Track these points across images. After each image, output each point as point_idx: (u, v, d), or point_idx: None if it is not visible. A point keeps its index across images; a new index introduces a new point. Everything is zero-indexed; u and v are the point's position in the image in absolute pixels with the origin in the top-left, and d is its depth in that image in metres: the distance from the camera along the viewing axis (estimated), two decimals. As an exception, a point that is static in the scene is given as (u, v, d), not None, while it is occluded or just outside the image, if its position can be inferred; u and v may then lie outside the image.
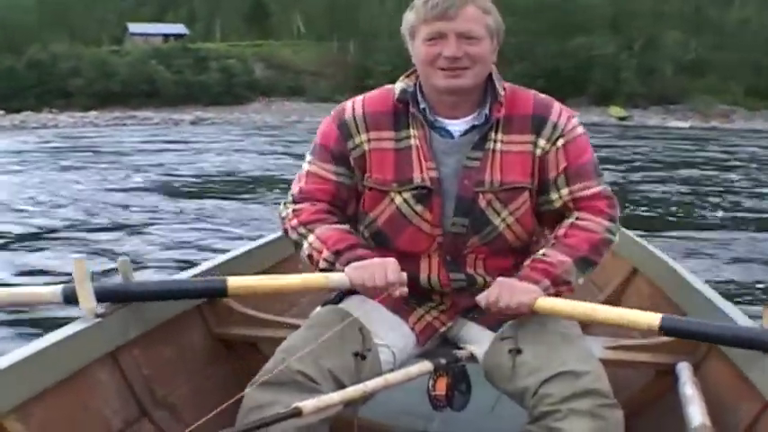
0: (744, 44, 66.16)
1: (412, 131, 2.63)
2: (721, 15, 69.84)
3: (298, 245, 2.70)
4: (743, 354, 2.56)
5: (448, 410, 2.52)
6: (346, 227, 2.68)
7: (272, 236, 4.04)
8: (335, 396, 2.20)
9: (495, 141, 2.60)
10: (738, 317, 2.75)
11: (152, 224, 13.09)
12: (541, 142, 2.61)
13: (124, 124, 54.75)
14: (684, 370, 2.73)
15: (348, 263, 2.55)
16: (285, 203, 2.77)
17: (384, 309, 2.66)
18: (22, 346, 2.32)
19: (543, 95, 2.72)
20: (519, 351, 2.44)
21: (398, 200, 2.62)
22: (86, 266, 2.57)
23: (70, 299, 2.58)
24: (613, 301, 3.82)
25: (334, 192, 2.70)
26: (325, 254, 2.60)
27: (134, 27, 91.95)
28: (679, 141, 39.67)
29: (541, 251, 2.61)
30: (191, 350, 3.09)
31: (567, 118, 2.65)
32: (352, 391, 2.25)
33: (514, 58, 61.84)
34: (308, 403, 2.08)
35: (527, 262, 2.60)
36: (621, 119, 57.83)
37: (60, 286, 2.62)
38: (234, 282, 2.65)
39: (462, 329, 2.74)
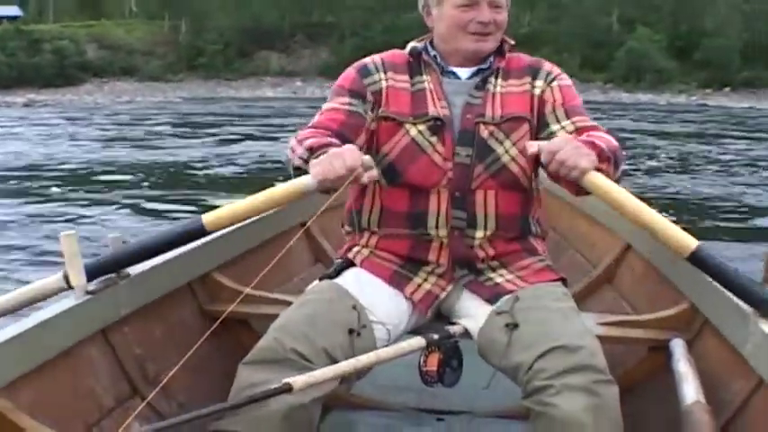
0: (579, 17, 67.05)
1: (425, 77, 2.83)
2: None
3: (289, 162, 2.65)
4: (736, 329, 2.57)
5: (440, 386, 2.51)
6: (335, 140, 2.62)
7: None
8: (327, 371, 2.19)
9: (494, 85, 2.80)
10: (731, 293, 2.70)
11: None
12: (538, 83, 2.82)
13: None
14: (678, 346, 2.76)
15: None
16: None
17: (381, 282, 2.70)
18: (11, 324, 2.27)
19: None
20: (515, 326, 2.45)
21: (413, 131, 2.73)
22: (76, 240, 2.51)
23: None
24: (606, 278, 3.88)
25: (344, 119, 2.73)
26: (299, 151, 2.56)
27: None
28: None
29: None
30: (181, 327, 3.07)
31: (559, 71, 2.89)
32: (344, 366, 2.24)
33: (347, 32, 61.36)
34: (299, 379, 2.09)
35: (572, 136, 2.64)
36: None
37: (62, 271, 2.55)
38: (209, 217, 2.56)
39: (458, 302, 2.75)
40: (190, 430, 2.01)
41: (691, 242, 2.43)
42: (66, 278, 2.54)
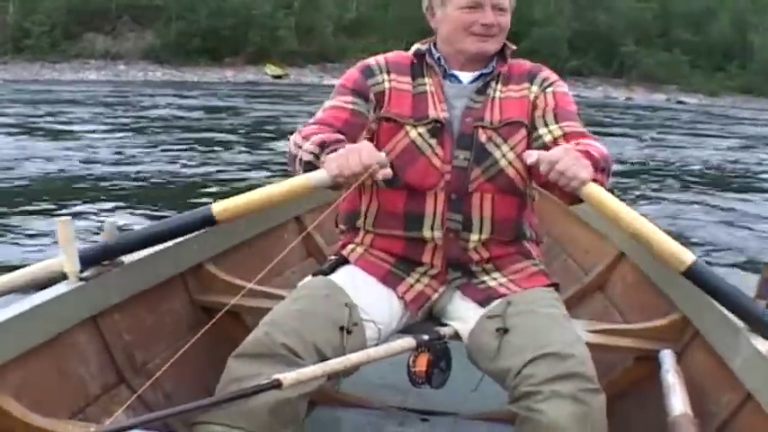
0: (408, 3, 67.63)
1: (427, 80, 2.88)
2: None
3: (295, 157, 2.68)
4: (726, 342, 2.60)
5: (427, 387, 2.52)
6: (341, 136, 2.68)
7: None
8: (316, 369, 2.18)
9: (495, 90, 2.86)
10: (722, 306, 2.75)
11: None
12: (534, 88, 2.88)
13: None
14: (667, 357, 2.77)
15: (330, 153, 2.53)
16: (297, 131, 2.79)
17: (374, 280, 2.72)
18: (1, 309, 2.27)
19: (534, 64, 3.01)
20: (506, 330, 2.47)
21: (413, 133, 2.77)
22: (71, 227, 2.51)
23: None
24: (598, 285, 3.89)
25: (347, 118, 2.78)
26: (308, 146, 2.60)
27: None
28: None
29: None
30: (172, 317, 3.06)
31: (557, 77, 2.96)
32: (334, 364, 2.24)
33: (173, 15, 60.57)
34: (289, 375, 2.08)
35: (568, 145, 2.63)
36: (277, 77, 57.49)
37: (58, 256, 2.56)
38: (219, 207, 2.59)
39: (450, 304, 2.78)
40: (174, 420, 1.99)
41: (687, 257, 2.44)
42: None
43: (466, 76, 2.90)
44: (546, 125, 2.80)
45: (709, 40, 71.65)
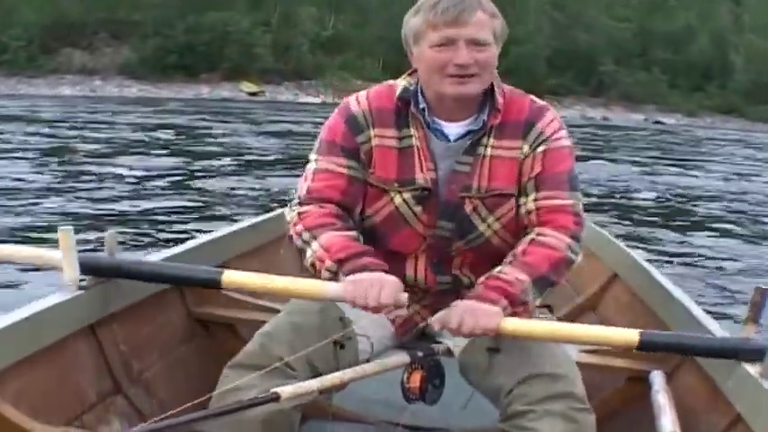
0: (385, 22, 67.59)
1: (413, 131, 2.63)
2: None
3: (302, 252, 2.61)
4: (716, 364, 2.62)
5: (420, 403, 2.53)
6: (353, 233, 2.59)
7: (256, 218, 4.15)
8: (313, 383, 2.24)
9: (486, 147, 2.61)
10: (715, 327, 2.79)
11: None
12: (525, 147, 2.61)
13: None
14: (658, 378, 2.77)
15: (352, 272, 2.45)
16: (291, 206, 2.69)
17: None
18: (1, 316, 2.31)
19: (541, 102, 2.71)
20: (497, 350, 2.47)
21: (398, 200, 2.63)
22: (72, 236, 2.55)
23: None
24: (590, 306, 3.90)
25: (345, 187, 2.63)
26: (328, 263, 2.51)
27: None
28: (310, 114, 38.82)
29: (498, 268, 2.55)
30: (168, 328, 3.10)
31: (556, 127, 2.65)
32: (331, 378, 2.29)
33: (150, 31, 60.34)
34: (286, 389, 2.12)
35: (482, 279, 2.54)
36: (252, 94, 57.12)
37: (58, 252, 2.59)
38: (229, 276, 2.60)
39: None
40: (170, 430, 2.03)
41: (632, 336, 2.45)
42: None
43: (452, 131, 2.64)
44: (527, 194, 2.62)
45: (689, 59, 71.86)
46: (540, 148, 2.61)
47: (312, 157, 2.71)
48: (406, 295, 2.43)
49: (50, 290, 2.62)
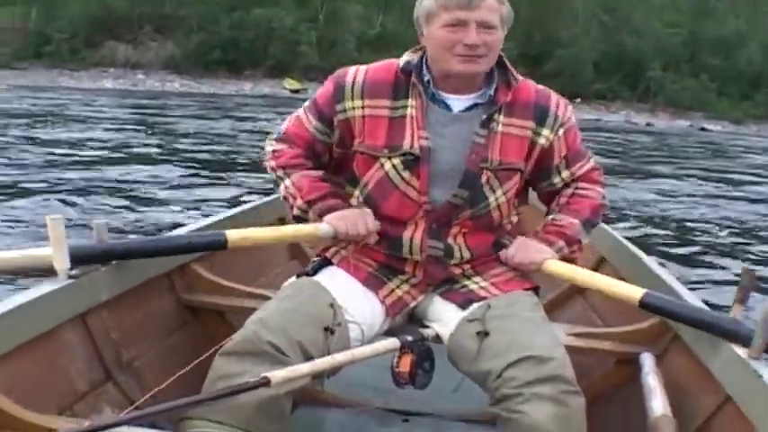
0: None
1: (410, 101, 2.75)
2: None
3: (276, 183, 2.95)
4: (705, 346, 2.66)
5: (410, 388, 2.56)
6: (320, 173, 2.90)
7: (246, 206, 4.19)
8: (304, 367, 2.25)
9: (498, 123, 2.75)
10: (702, 307, 2.82)
11: None
12: (545, 132, 2.80)
13: None
14: (647, 360, 2.81)
15: (320, 213, 2.83)
16: (270, 139, 3.00)
17: (356, 282, 2.75)
18: None
19: (540, 86, 2.90)
20: (486, 334, 2.51)
21: (388, 165, 2.74)
22: (62, 225, 2.56)
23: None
24: (579, 289, 3.91)
25: (310, 142, 2.90)
26: (299, 202, 2.86)
27: None
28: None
29: (551, 216, 2.93)
30: (158, 316, 3.12)
31: (565, 107, 2.87)
32: (321, 363, 2.30)
33: (195, 26, 60.57)
34: (277, 374, 2.14)
35: (541, 226, 2.92)
36: (295, 91, 57.05)
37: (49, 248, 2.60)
38: (233, 234, 2.74)
39: (431, 306, 2.80)
40: (161, 417, 2.05)
41: (635, 292, 2.65)
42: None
43: (457, 103, 2.79)
44: (559, 173, 2.90)
45: (738, 66, 70.99)
46: (561, 131, 2.84)
47: (305, 104, 2.97)
48: (378, 222, 2.79)
49: (41, 279, 2.63)
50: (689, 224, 13.41)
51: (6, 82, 50.26)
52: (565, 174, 2.90)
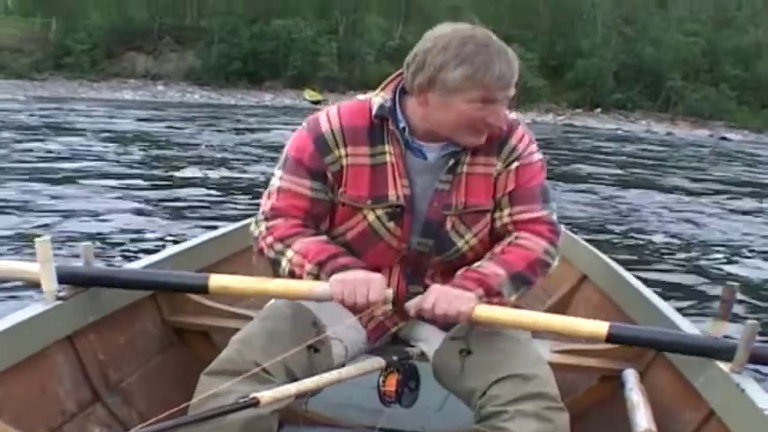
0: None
1: (388, 147, 2.63)
2: (435, 3, 70.82)
3: (276, 263, 2.66)
4: (688, 362, 2.65)
5: (396, 406, 2.56)
6: (324, 237, 2.67)
7: (219, 231, 4.11)
8: (291, 387, 2.25)
9: (463, 164, 2.63)
10: (684, 325, 2.86)
11: None
12: (498, 164, 2.66)
13: None
14: (631, 376, 2.81)
15: (333, 272, 2.54)
16: (257, 221, 2.73)
17: (338, 305, 2.64)
18: None
19: (511, 116, 2.69)
20: (469, 352, 2.50)
21: (371, 217, 2.64)
22: (49, 246, 2.58)
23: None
24: (561, 307, 3.92)
25: (309, 208, 2.66)
26: (308, 267, 2.58)
27: None
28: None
29: (476, 264, 2.63)
30: (144, 337, 3.13)
31: (528, 142, 2.70)
32: (309, 382, 2.30)
33: (216, 38, 60.74)
34: (266, 394, 2.14)
35: (460, 272, 2.62)
36: (315, 102, 56.95)
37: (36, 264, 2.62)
38: (215, 281, 2.67)
39: (413, 329, 2.79)
40: None
41: (600, 327, 2.51)
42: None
43: (431, 151, 2.66)
44: (501, 209, 2.69)
45: (757, 75, 70.79)
46: (514, 165, 2.67)
47: (277, 172, 2.72)
48: (391, 290, 2.54)
49: (29, 300, 2.68)
50: (705, 235, 13.37)
51: (26, 93, 50.54)
52: (505, 212, 2.68)
